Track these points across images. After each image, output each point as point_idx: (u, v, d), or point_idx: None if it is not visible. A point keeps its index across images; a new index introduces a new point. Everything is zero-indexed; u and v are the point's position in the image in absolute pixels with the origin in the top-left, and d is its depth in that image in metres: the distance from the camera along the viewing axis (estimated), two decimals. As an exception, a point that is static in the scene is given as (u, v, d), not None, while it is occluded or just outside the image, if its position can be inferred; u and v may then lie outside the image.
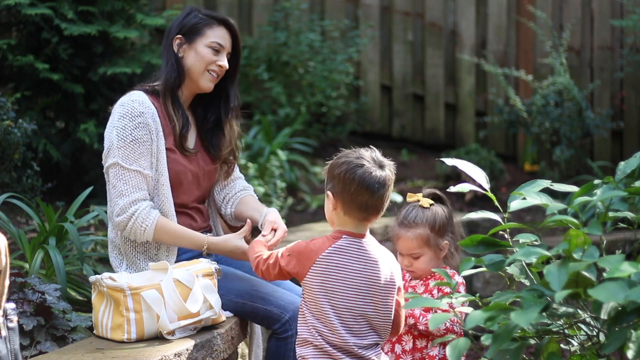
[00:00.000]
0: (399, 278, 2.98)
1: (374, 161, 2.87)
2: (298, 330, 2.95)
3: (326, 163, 2.96)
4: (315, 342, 2.88)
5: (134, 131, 3.23)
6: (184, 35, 3.38)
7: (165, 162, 3.29)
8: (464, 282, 3.17)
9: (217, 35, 3.38)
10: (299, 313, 2.96)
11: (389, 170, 2.88)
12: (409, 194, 3.23)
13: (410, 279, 3.26)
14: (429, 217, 3.17)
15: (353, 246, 2.88)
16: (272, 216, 3.34)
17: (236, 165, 3.59)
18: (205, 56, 3.36)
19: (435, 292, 3.17)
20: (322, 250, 2.86)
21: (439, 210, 3.19)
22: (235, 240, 3.27)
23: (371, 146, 2.95)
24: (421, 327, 3.12)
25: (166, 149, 3.31)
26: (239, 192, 3.55)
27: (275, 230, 3.27)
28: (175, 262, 3.31)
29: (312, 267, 2.86)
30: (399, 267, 3.01)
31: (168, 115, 3.33)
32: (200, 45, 3.36)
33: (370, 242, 2.93)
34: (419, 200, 3.20)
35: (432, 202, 3.20)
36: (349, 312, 2.87)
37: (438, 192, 3.23)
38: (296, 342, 2.96)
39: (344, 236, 2.89)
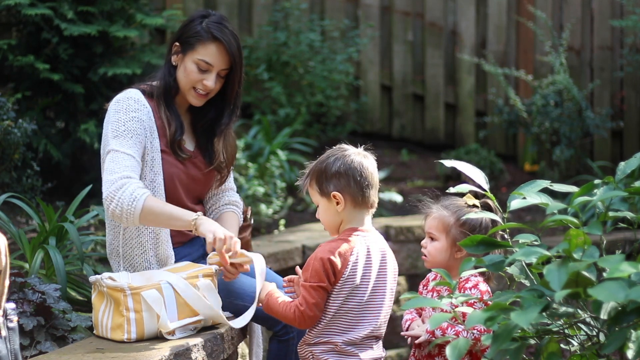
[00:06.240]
0: (396, 267, 3.03)
1: (355, 150, 2.98)
2: (308, 330, 2.94)
3: (298, 186, 3.00)
4: (331, 340, 2.90)
5: (127, 123, 3.21)
6: (181, 44, 3.31)
7: (160, 162, 3.28)
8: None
9: (208, 52, 3.25)
10: None
11: (370, 154, 2.99)
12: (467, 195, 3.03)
13: (426, 282, 3.17)
14: (462, 211, 3.02)
15: (364, 242, 2.94)
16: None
17: (231, 175, 3.53)
18: (191, 74, 3.27)
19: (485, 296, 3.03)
20: (348, 257, 2.88)
21: (481, 216, 2.86)
22: (213, 225, 3.09)
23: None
24: None
25: (160, 150, 3.29)
26: (224, 205, 3.49)
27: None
28: (176, 262, 3.30)
29: (342, 275, 2.88)
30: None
31: (162, 118, 3.30)
32: (189, 60, 3.27)
33: (376, 235, 2.99)
34: (475, 205, 3.02)
35: (476, 201, 3.01)
36: (370, 306, 2.92)
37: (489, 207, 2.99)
38: (311, 341, 2.93)
39: (354, 233, 2.93)
